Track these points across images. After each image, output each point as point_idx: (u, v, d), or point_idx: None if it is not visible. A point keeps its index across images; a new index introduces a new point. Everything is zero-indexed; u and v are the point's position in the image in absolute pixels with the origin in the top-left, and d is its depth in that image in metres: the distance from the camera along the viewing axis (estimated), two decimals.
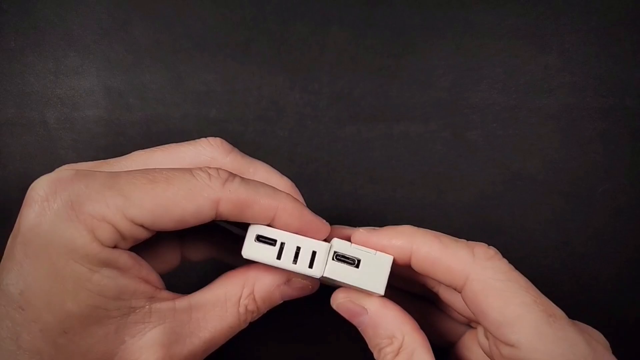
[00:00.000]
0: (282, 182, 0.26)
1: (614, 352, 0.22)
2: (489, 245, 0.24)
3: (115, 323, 0.21)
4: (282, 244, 0.23)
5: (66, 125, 0.36)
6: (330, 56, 0.36)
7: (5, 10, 0.36)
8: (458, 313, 0.28)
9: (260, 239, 0.23)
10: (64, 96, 0.36)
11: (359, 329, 0.25)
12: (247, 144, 0.36)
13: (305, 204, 0.25)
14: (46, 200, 0.20)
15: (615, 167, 0.35)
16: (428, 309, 0.30)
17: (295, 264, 0.23)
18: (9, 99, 0.36)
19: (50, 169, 0.22)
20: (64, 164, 0.22)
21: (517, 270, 0.23)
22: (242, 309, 0.24)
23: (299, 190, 0.26)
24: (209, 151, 0.25)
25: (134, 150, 0.25)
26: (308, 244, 0.24)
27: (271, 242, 0.24)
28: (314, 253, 0.24)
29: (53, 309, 0.20)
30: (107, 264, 0.21)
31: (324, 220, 0.25)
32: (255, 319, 0.25)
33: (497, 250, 0.23)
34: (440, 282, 0.24)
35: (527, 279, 0.23)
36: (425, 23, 0.36)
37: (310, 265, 0.23)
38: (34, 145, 0.36)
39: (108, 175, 0.22)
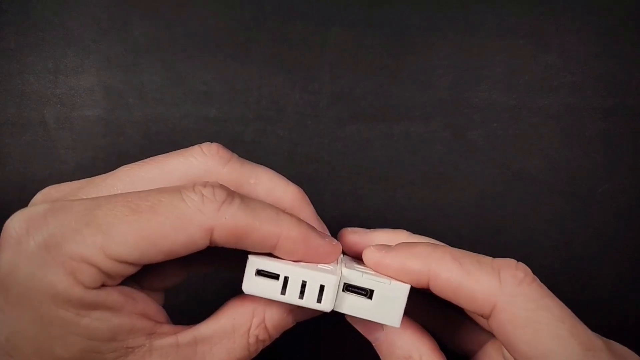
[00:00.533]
0: (288, 192, 0.24)
1: None
2: (517, 261, 0.22)
3: None
4: (286, 278, 0.21)
5: (65, 125, 0.36)
6: (331, 56, 0.36)
7: (4, 10, 0.36)
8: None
9: (261, 273, 0.21)
10: (63, 96, 0.36)
11: (374, 345, 0.24)
12: (247, 144, 0.35)
13: (314, 213, 0.23)
14: (19, 243, 0.19)
15: (616, 167, 0.35)
16: (447, 309, 0.28)
17: (302, 299, 0.21)
18: (8, 98, 0.36)
19: (49, 169, 0.21)
20: (62, 164, 0.21)
21: (551, 294, 0.21)
22: (252, 340, 0.22)
23: None
24: (203, 162, 0.22)
25: (132, 150, 0.25)
26: (314, 278, 0.21)
27: (274, 276, 0.21)
28: (321, 287, 0.21)
29: (42, 355, 0.19)
30: (95, 307, 0.19)
31: (334, 241, 0.23)
32: (266, 346, 0.23)
33: (527, 270, 0.21)
34: (465, 309, 0.22)
35: (562, 305, 0.20)
36: (425, 23, 0.36)
37: (319, 300, 0.21)
38: (34, 145, 0.36)
39: (86, 207, 0.19)
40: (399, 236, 0.25)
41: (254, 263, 0.21)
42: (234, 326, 0.22)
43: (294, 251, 0.21)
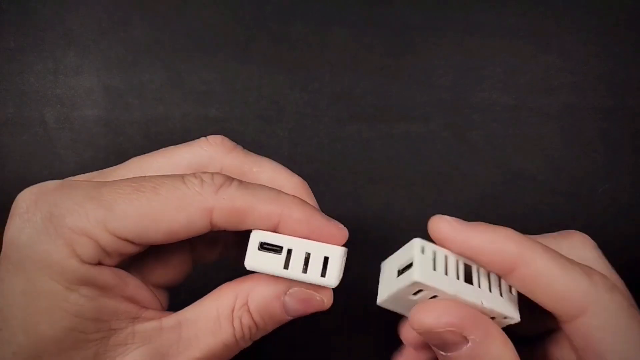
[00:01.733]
0: (291, 182, 0.23)
1: None
2: (604, 273, 0.20)
3: (94, 347, 0.20)
4: (290, 251, 0.21)
5: (65, 125, 0.36)
6: (331, 56, 0.36)
7: (4, 10, 0.36)
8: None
9: (264, 246, 0.21)
10: (63, 96, 0.36)
11: None
12: (247, 144, 0.35)
13: (316, 206, 0.23)
14: (27, 213, 0.19)
15: (616, 167, 0.35)
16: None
17: (306, 272, 0.20)
18: (9, 98, 0.36)
19: (49, 169, 0.22)
20: (62, 164, 0.22)
21: (636, 306, 0.20)
22: (236, 323, 0.21)
23: None
24: (208, 151, 0.23)
25: (132, 150, 0.25)
26: (319, 249, 0.21)
27: (277, 249, 0.21)
28: (326, 259, 0.20)
29: (27, 331, 0.19)
30: (85, 282, 0.19)
31: (340, 225, 0.22)
32: (257, 337, 0.22)
33: (616, 280, 0.20)
34: (543, 306, 0.20)
35: None
36: (426, 23, 0.36)
37: (323, 274, 0.20)
38: (33, 144, 0.36)
39: (93, 185, 0.20)
40: (510, 235, 0.21)
41: (257, 235, 0.21)
42: (218, 309, 0.21)
43: (297, 230, 0.21)
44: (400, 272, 0.21)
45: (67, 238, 0.19)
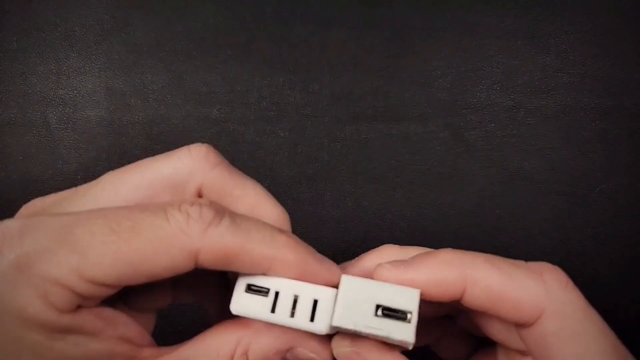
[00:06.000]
0: (273, 213, 0.21)
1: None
2: (555, 265, 0.20)
3: None
4: (277, 294, 0.19)
5: (68, 126, 0.36)
6: (331, 56, 0.36)
7: (7, 12, 0.37)
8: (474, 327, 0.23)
9: (251, 288, 0.19)
10: (65, 97, 0.36)
11: None
12: (247, 144, 0.36)
13: (307, 248, 0.21)
14: None
15: (614, 167, 0.35)
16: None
17: (293, 317, 0.19)
18: (11, 99, 0.36)
19: (52, 169, 0.21)
20: (65, 164, 0.21)
21: (590, 305, 0.19)
22: None
23: (299, 190, 0.24)
24: (188, 164, 0.20)
25: (134, 150, 0.24)
26: (308, 291, 0.19)
27: (265, 291, 0.19)
28: (315, 302, 0.19)
29: None
30: (70, 331, 0.18)
31: (333, 265, 0.20)
32: None
33: (566, 275, 0.19)
34: (501, 320, 0.20)
35: (600, 316, 0.19)
36: (424, 24, 0.36)
37: (312, 319, 0.19)
38: (36, 145, 0.36)
39: (63, 224, 0.18)
40: (389, 251, 0.22)
41: (245, 278, 0.19)
42: (218, 351, 0.20)
43: (288, 275, 0.19)
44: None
45: (40, 289, 0.17)
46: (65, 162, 0.36)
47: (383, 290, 0.19)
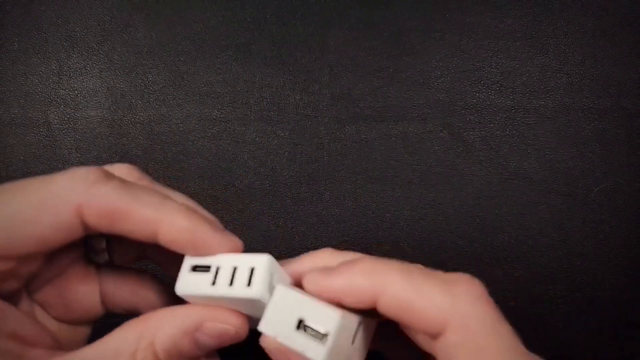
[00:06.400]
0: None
1: (609, 351, 0.21)
2: (472, 277, 0.19)
3: None
4: (218, 269, 0.20)
5: (69, 126, 0.36)
6: (330, 57, 0.36)
7: (8, 12, 0.37)
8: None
9: (195, 269, 0.20)
10: (67, 97, 0.36)
11: None
12: (247, 144, 0.36)
13: (211, 219, 0.20)
14: None
15: (612, 167, 0.35)
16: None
17: (232, 285, 0.19)
18: (13, 99, 0.36)
19: (53, 169, 0.21)
20: (66, 164, 0.21)
21: (503, 318, 0.19)
22: None
23: (299, 190, 0.24)
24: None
25: (135, 150, 0.24)
26: (246, 261, 0.20)
27: (206, 269, 0.20)
28: (252, 270, 0.19)
29: None
30: None
31: (234, 237, 0.20)
32: None
33: (483, 288, 0.19)
34: (413, 329, 0.20)
35: (513, 332, 0.18)
36: (423, 24, 0.36)
37: (249, 284, 0.19)
38: (37, 145, 0.36)
39: None
40: (323, 255, 0.22)
41: (189, 260, 0.20)
42: (117, 350, 0.19)
43: (179, 241, 0.19)
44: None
45: None
46: (66, 162, 0.36)
47: (310, 306, 0.19)
